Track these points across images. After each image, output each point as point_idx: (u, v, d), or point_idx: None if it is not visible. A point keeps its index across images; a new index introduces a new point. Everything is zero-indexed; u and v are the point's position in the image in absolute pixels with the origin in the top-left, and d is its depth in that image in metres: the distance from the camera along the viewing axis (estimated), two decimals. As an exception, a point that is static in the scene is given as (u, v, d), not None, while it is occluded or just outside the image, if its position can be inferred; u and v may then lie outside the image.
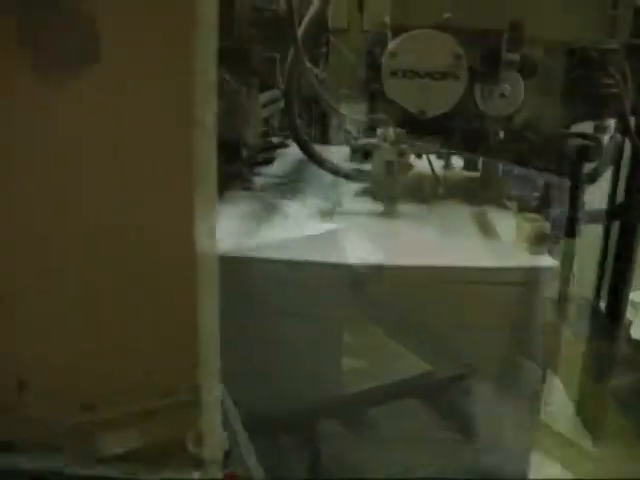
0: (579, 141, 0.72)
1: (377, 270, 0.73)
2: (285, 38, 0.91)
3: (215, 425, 0.57)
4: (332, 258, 0.73)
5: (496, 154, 1.01)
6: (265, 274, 0.73)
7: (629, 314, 1.98)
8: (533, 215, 0.80)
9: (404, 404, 0.76)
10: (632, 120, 0.96)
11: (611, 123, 0.96)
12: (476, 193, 1.03)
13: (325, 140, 1.47)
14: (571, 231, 0.78)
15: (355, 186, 1.03)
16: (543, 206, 0.92)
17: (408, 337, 0.75)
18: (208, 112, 0.52)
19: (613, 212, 1.11)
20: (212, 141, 0.54)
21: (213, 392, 0.56)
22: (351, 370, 0.76)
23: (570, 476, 0.89)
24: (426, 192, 1.04)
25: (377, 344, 0.76)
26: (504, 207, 0.99)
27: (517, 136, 0.98)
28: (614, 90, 0.92)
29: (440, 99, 0.77)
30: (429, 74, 0.76)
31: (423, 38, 0.75)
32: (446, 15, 0.75)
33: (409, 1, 0.75)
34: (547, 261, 0.74)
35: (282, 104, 1.16)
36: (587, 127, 0.98)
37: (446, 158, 0.97)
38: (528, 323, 0.73)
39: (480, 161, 1.06)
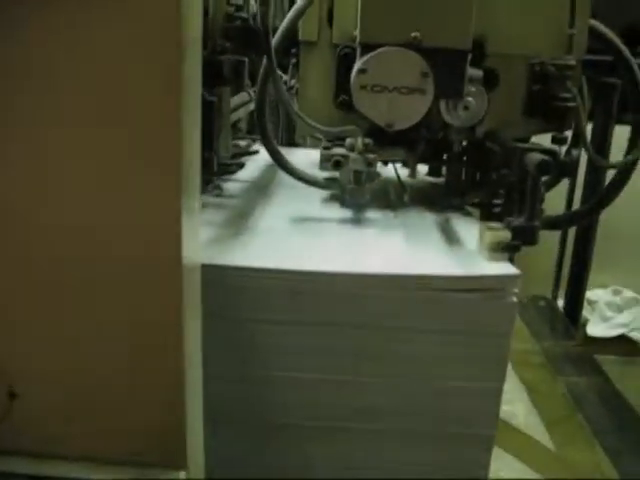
0: (539, 156, 0.76)
1: (344, 277, 0.76)
2: (256, 46, 0.93)
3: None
4: (291, 265, 0.76)
5: (459, 163, 1.05)
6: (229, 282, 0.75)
7: (585, 312, 2.06)
8: (495, 224, 0.84)
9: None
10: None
11: (568, 134, 1.01)
12: (439, 200, 1.07)
13: (292, 142, 1.50)
14: (531, 239, 0.82)
15: (324, 192, 1.06)
16: (504, 215, 0.97)
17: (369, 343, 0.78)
18: (195, 124, 0.54)
19: (570, 218, 1.16)
20: (197, 152, 0.56)
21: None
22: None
23: (529, 470, 0.94)
24: (392, 199, 1.08)
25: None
26: (467, 214, 1.03)
27: (480, 146, 1.02)
28: (571, 104, 0.97)
29: (407, 113, 0.81)
30: (397, 89, 0.79)
31: (392, 55, 0.78)
32: (414, 34, 0.78)
33: (379, 20, 0.78)
34: (510, 269, 0.78)
35: (251, 107, 1.19)
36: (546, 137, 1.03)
37: (411, 166, 1.00)
38: (494, 329, 0.77)
39: (444, 169, 1.10)
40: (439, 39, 0.78)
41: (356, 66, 0.79)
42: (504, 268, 0.79)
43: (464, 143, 1.02)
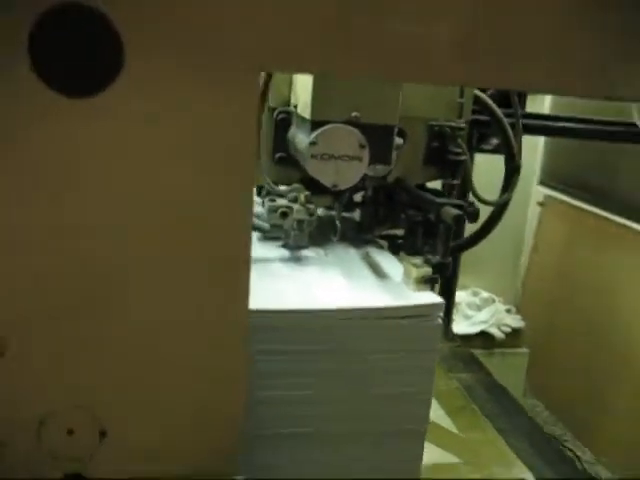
0: (454, 211, 0.98)
1: (304, 313, 0.94)
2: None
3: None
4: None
5: (371, 204, 1.26)
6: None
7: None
8: (417, 260, 1.05)
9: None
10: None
11: (457, 182, 1.25)
12: (353, 234, 1.28)
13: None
14: (446, 272, 1.04)
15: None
16: (408, 247, 1.19)
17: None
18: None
19: (458, 247, 1.41)
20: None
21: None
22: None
23: (444, 451, 1.17)
24: (321, 237, 1.26)
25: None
26: (379, 247, 1.24)
27: (388, 190, 1.24)
28: (461, 157, 1.21)
29: (348, 176, 0.99)
30: (341, 157, 0.97)
31: (336, 131, 0.96)
32: (354, 113, 0.97)
33: (327, 102, 0.96)
34: (435, 298, 0.99)
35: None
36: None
37: (338, 210, 1.19)
38: (425, 346, 0.98)
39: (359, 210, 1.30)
40: (374, 117, 0.98)
41: (309, 139, 0.96)
42: (430, 297, 1.00)
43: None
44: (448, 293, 2.05)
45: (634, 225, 2.37)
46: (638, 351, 2.30)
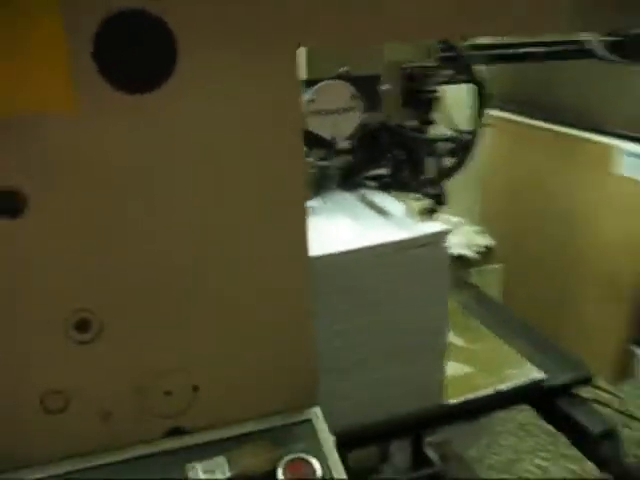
0: (449, 144, 1.08)
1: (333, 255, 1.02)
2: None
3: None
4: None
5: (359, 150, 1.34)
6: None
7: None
8: (416, 195, 1.15)
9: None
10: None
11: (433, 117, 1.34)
12: (344, 180, 1.36)
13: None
14: (443, 201, 1.14)
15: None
16: (395, 184, 1.29)
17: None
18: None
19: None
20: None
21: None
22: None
23: (458, 364, 1.29)
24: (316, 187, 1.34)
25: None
26: (370, 187, 1.33)
27: (372, 134, 1.32)
28: (435, 94, 1.30)
29: (345, 127, 1.07)
30: (336, 110, 1.05)
31: (330, 86, 1.03)
32: (343, 69, 1.04)
33: (317, 61, 1.03)
34: (439, 227, 1.09)
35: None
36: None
37: (332, 159, 1.27)
38: (437, 271, 1.08)
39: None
40: (362, 69, 1.05)
41: (305, 96, 1.03)
42: (435, 226, 1.09)
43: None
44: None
45: (580, 133, 2.51)
46: (596, 251, 2.46)
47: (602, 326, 2.37)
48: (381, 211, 1.18)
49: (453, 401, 1.20)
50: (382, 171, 1.39)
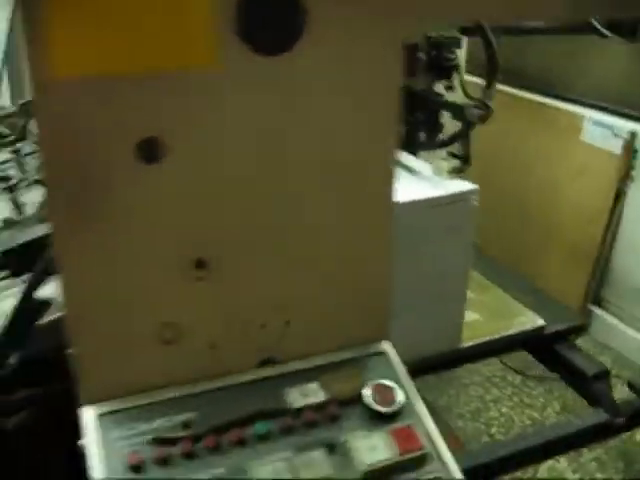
0: (478, 111, 1.17)
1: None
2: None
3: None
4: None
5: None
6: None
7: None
8: (443, 154, 1.24)
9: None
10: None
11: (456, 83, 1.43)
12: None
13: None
14: (470, 162, 1.24)
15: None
16: (421, 145, 1.38)
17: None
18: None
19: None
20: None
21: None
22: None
23: (469, 314, 1.41)
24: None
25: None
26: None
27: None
28: (455, 62, 1.38)
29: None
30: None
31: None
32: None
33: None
34: (469, 185, 1.19)
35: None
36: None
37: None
38: (466, 225, 1.19)
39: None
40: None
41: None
42: (465, 185, 1.20)
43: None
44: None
45: (544, 100, 2.65)
46: (561, 218, 2.60)
47: (564, 288, 2.51)
48: (411, 170, 1.27)
49: (466, 344, 1.32)
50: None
